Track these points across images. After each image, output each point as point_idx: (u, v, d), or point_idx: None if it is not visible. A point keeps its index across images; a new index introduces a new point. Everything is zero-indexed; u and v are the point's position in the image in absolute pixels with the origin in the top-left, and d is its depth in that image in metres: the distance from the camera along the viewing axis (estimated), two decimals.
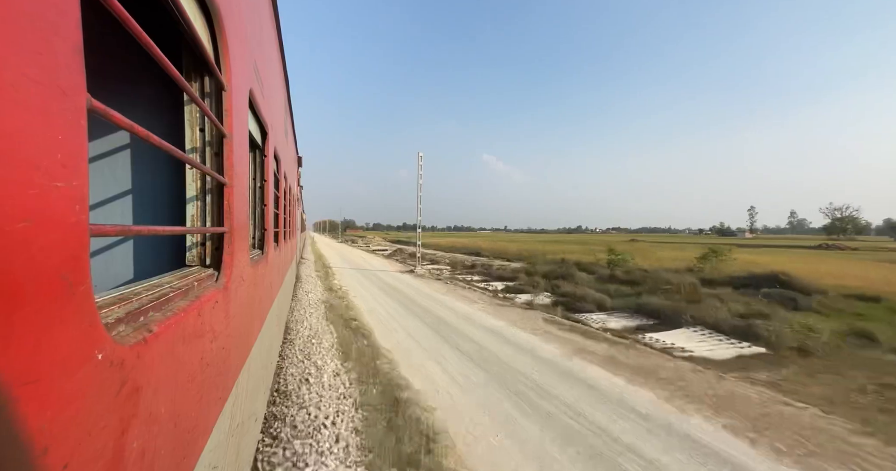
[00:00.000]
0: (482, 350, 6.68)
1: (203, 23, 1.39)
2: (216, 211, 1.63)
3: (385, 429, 3.86)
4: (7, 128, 0.46)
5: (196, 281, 1.33)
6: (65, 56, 0.55)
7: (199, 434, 1.19)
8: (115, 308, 0.85)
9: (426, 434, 3.80)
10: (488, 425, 4.10)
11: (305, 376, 4.97)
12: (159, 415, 0.88)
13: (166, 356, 0.92)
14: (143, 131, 0.80)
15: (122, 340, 0.74)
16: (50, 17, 0.53)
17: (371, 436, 3.72)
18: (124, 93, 2.50)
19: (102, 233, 0.70)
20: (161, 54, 0.87)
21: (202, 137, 1.60)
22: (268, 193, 3.14)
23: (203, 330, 1.22)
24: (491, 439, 3.83)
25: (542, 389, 5.08)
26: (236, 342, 1.76)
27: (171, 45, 1.57)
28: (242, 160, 1.87)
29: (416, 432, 3.82)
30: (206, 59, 1.36)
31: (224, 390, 1.52)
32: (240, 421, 1.88)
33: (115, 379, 0.69)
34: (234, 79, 1.66)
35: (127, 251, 2.63)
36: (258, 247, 3.04)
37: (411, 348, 6.73)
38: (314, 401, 4.29)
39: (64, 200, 0.56)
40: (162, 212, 2.60)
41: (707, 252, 17.51)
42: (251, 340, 2.23)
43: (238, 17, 1.77)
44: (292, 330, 7.12)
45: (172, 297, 1.09)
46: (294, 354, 5.79)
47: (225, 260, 1.60)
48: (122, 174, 2.55)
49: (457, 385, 5.16)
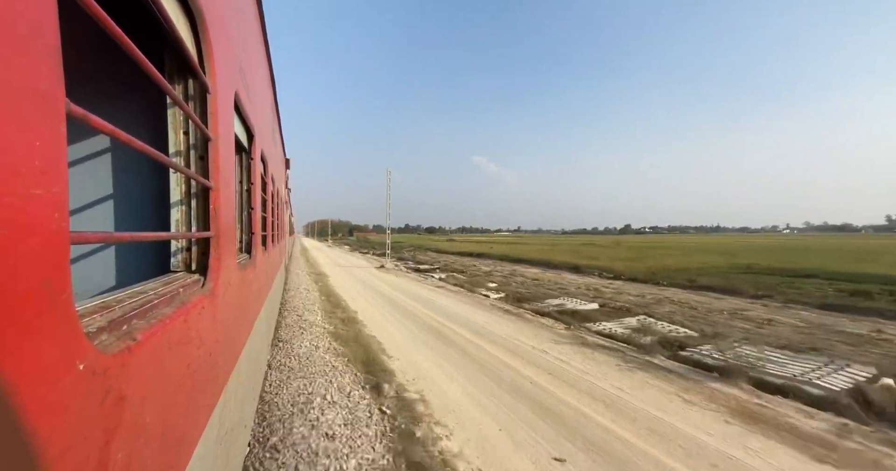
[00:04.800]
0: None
1: (186, 25, 1.37)
2: (202, 215, 1.61)
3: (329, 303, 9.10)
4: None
5: (182, 287, 1.31)
6: (42, 59, 0.54)
7: (186, 443, 1.17)
8: (96, 317, 0.83)
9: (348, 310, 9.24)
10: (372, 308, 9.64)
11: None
12: (145, 424, 0.86)
13: (151, 364, 0.90)
14: (125, 136, 0.78)
15: (105, 348, 0.73)
16: (26, 18, 0.51)
17: (326, 308, 10.02)
18: (106, 96, 2.45)
19: (84, 240, 0.68)
20: (143, 57, 0.86)
21: (187, 141, 1.57)
22: (255, 196, 3.10)
23: (189, 337, 1.20)
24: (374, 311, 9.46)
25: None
26: (224, 348, 1.73)
27: (154, 48, 1.55)
28: (228, 163, 1.84)
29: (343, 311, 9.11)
30: (190, 62, 1.34)
31: (212, 397, 1.50)
32: (228, 428, 1.85)
33: (99, 389, 0.68)
34: (218, 81, 1.64)
35: (109, 258, 2.57)
36: (246, 251, 3.00)
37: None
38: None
39: (43, 208, 0.54)
40: (146, 216, 2.55)
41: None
42: (239, 346, 2.20)
43: (222, 19, 1.75)
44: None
45: (157, 304, 1.07)
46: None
47: (211, 265, 1.57)
48: (104, 178, 2.49)
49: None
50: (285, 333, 7.23)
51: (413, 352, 6.21)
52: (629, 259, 25.51)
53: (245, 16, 2.54)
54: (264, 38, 3.87)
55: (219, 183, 1.63)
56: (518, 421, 3.95)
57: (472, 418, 4.00)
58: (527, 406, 4.28)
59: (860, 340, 7.45)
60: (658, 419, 3.99)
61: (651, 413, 4.13)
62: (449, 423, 3.90)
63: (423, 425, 3.82)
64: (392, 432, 3.71)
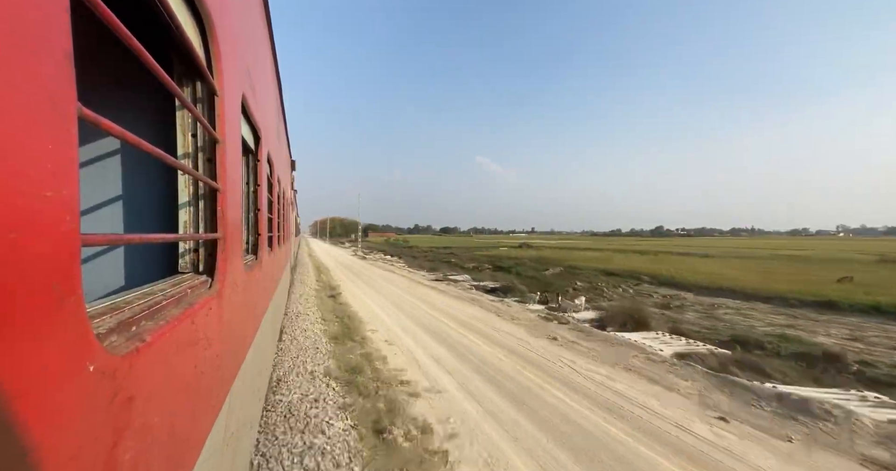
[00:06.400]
0: None
1: (195, 28, 1.38)
2: (209, 217, 1.62)
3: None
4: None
5: (189, 288, 1.32)
6: (54, 64, 0.55)
7: (193, 444, 1.17)
8: (106, 318, 0.84)
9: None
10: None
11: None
12: (152, 425, 0.87)
13: (159, 365, 0.91)
14: (134, 138, 0.79)
15: (114, 349, 0.73)
16: (38, 24, 0.52)
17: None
18: (115, 99, 2.48)
19: (94, 242, 0.69)
20: (152, 60, 0.86)
21: (194, 143, 1.59)
22: (261, 197, 3.12)
23: (197, 338, 1.21)
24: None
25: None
26: (231, 349, 1.74)
27: (163, 51, 1.56)
28: (235, 165, 1.85)
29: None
30: (198, 65, 1.35)
31: (218, 398, 1.50)
32: (234, 429, 1.86)
33: (108, 390, 0.68)
34: (226, 84, 1.65)
35: (118, 258, 2.59)
36: (252, 252, 3.02)
37: None
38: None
39: (54, 210, 0.55)
40: (154, 218, 2.57)
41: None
42: (246, 347, 2.21)
43: (230, 22, 1.76)
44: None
45: (165, 305, 1.08)
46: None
47: (218, 266, 1.58)
48: (114, 180, 2.52)
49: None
50: None
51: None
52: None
53: (252, 18, 2.56)
54: (271, 39, 3.90)
55: (226, 185, 1.64)
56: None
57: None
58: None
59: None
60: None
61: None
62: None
63: None
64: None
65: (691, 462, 3.55)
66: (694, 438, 3.99)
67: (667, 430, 4.13)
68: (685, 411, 4.58)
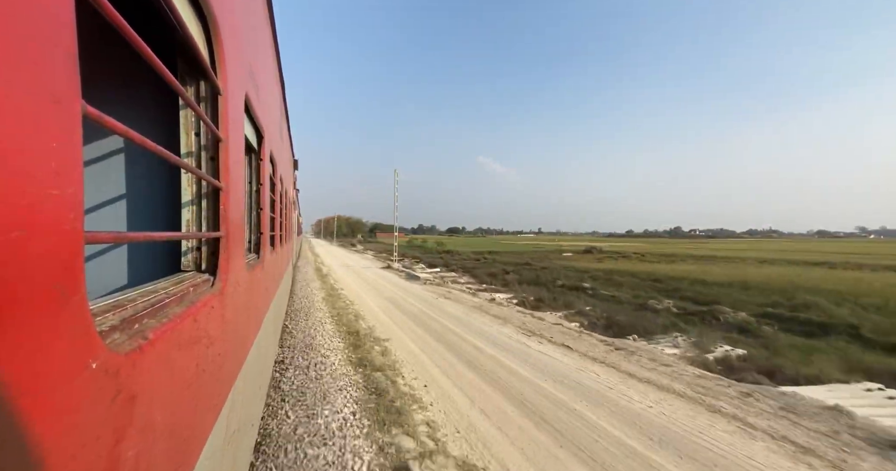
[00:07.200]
0: None
1: (198, 27, 1.38)
2: (212, 215, 1.62)
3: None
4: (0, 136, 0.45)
5: (192, 286, 1.32)
6: (59, 62, 0.55)
7: (194, 442, 1.17)
8: (109, 316, 0.84)
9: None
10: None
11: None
12: (155, 423, 0.87)
13: (162, 364, 0.91)
14: (138, 137, 0.79)
15: (117, 347, 0.73)
16: (43, 23, 0.52)
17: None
18: (119, 97, 2.49)
19: (97, 240, 0.69)
20: (156, 59, 0.87)
21: (198, 142, 1.59)
22: (263, 196, 3.12)
23: (199, 336, 1.21)
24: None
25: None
26: (232, 348, 1.74)
27: (166, 50, 1.57)
28: (238, 164, 1.86)
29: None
30: (202, 64, 1.35)
31: (220, 397, 1.51)
32: (236, 428, 1.86)
33: (110, 388, 0.68)
34: (229, 83, 1.65)
35: (121, 256, 2.60)
36: (254, 251, 3.03)
37: None
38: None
39: (58, 209, 0.55)
40: (157, 216, 2.58)
41: None
42: (248, 345, 2.22)
43: (233, 21, 1.76)
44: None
45: (168, 303, 1.08)
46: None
47: (221, 265, 1.58)
48: (117, 178, 2.53)
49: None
50: None
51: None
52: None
53: (255, 17, 2.56)
54: (274, 38, 3.91)
55: (229, 184, 1.64)
56: None
57: None
58: None
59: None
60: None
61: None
62: None
63: None
64: None
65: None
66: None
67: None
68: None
